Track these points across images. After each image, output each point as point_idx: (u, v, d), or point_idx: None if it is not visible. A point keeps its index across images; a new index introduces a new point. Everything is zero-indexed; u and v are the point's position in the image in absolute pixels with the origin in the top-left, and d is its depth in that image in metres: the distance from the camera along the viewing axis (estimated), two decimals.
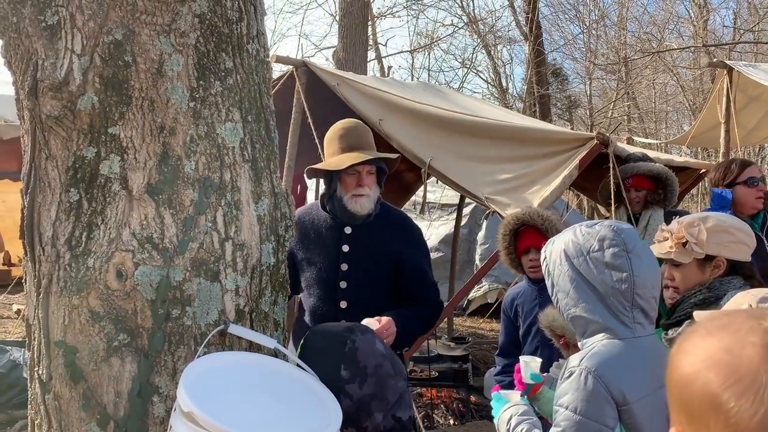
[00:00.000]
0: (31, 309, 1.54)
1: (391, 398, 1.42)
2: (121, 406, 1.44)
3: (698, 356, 0.71)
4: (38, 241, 1.49)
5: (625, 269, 1.59)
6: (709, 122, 6.18)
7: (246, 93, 1.59)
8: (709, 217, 2.02)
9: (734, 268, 1.98)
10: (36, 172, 1.50)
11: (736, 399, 0.64)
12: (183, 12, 1.47)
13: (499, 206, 3.56)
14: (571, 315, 1.66)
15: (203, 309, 1.48)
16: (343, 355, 1.42)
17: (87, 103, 1.43)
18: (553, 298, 1.72)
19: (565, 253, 1.66)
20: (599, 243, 1.62)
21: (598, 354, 1.57)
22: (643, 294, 1.61)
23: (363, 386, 1.39)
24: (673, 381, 0.74)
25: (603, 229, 1.65)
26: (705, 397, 0.67)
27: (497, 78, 18.67)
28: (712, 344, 0.70)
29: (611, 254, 1.60)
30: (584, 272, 1.62)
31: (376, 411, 1.40)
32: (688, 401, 0.70)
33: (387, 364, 1.44)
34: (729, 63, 5.45)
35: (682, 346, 0.75)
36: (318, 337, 1.55)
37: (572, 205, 11.23)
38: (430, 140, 4.08)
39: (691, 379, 0.70)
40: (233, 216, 1.52)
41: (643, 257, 1.63)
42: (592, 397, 1.52)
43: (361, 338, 1.45)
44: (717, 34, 16.23)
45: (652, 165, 3.67)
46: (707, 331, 0.73)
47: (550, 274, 1.72)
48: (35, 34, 1.44)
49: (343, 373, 1.40)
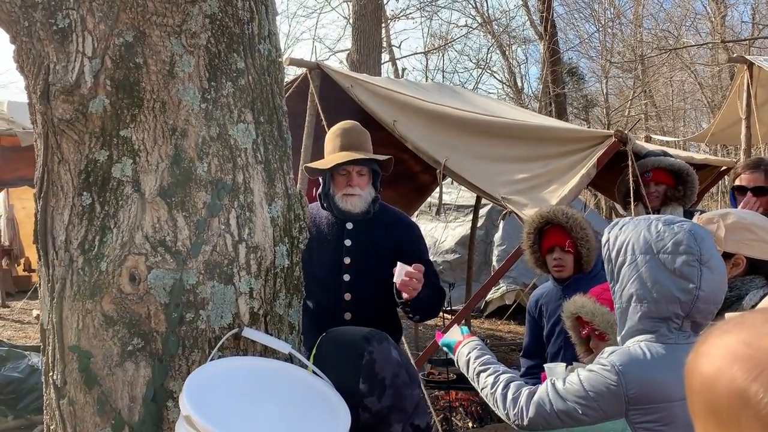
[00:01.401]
0: (45, 314, 1.53)
1: (409, 408, 1.41)
2: (136, 411, 1.43)
3: (718, 355, 0.69)
4: (51, 245, 1.48)
5: (693, 281, 1.48)
6: (729, 119, 6.09)
7: (258, 94, 1.57)
8: (729, 213, 1.97)
9: (755, 267, 1.93)
10: (49, 176, 1.49)
11: (764, 390, 0.62)
12: (194, 13, 1.46)
13: (516, 206, 3.52)
14: (620, 308, 1.60)
15: (217, 312, 1.46)
16: (361, 368, 1.39)
17: (98, 106, 1.43)
18: (610, 285, 1.65)
19: (633, 245, 1.56)
20: (673, 246, 1.51)
21: (627, 354, 1.53)
22: (703, 309, 1.51)
23: (382, 399, 1.38)
24: (695, 388, 0.72)
25: (681, 233, 1.52)
26: (732, 394, 0.65)
27: (512, 78, 18.60)
28: (730, 341, 0.69)
29: (683, 261, 1.49)
30: (647, 271, 1.52)
31: (395, 422, 1.39)
32: (715, 403, 0.67)
33: (403, 373, 1.43)
34: (749, 58, 5.36)
35: (700, 350, 0.73)
36: (333, 345, 1.52)
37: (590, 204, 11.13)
38: (445, 141, 4.04)
39: (714, 378, 0.68)
40: (246, 218, 1.50)
41: (715, 272, 1.51)
42: (605, 381, 1.51)
43: (378, 348, 1.43)
44: (735, 30, 16.04)
45: (673, 160, 3.61)
46: (722, 331, 0.71)
47: (610, 261, 1.61)
48: (46, 37, 1.44)
49: (362, 386, 1.38)
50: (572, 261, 2.68)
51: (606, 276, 1.66)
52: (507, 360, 6.37)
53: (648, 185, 3.54)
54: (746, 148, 5.20)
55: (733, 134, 6.16)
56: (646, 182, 3.53)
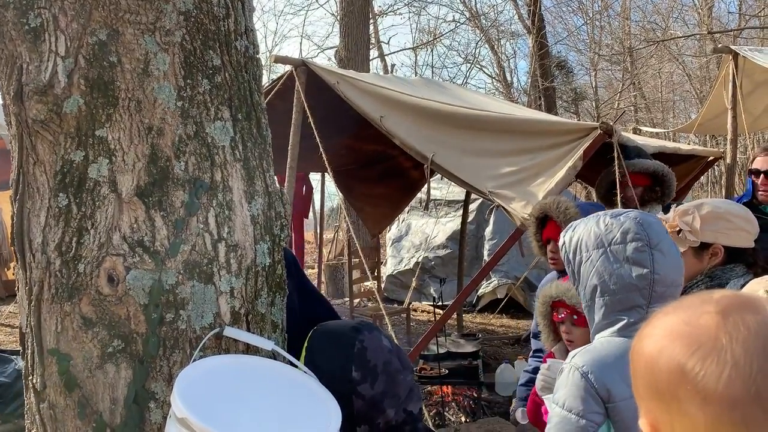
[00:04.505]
0: (23, 317, 1.52)
1: (401, 393, 1.43)
2: (117, 413, 1.41)
3: (659, 335, 0.73)
4: (28, 247, 1.46)
5: (646, 265, 1.51)
6: (716, 109, 6.11)
7: (235, 90, 1.55)
8: (704, 204, 1.97)
9: (734, 255, 1.93)
10: (24, 177, 1.48)
11: (701, 364, 0.66)
12: (167, 10, 1.44)
13: (504, 200, 3.52)
14: (586, 307, 1.62)
15: (198, 312, 1.45)
16: (353, 357, 1.41)
17: (73, 106, 1.41)
18: (574, 285, 1.67)
19: (585, 242, 1.59)
20: (621, 235, 1.54)
21: (590, 351, 1.53)
22: (662, 293, 1.53)
23: (374, 385, 1.40)
24: (638, 369, 0.75)
25: (627, 221, 1.55)
26: (672, 369, 0.69)
27: (501, 72, 18.61)
28: (670, 320, 0.73)
29: (633, 248, 1.52)
30: (602, 264, 1.55)
31: (388, 407, 1.41)
32: (656, 380, 0.71)
33: (395, 360, 1.45)
34: (734, 48, 5.37)
35: (643, 332, 0.77)
36: (324, 337, 1.53)
37: (580, 197, 11.16)
38: (432, 136, 4.04)
39: (656, 356, 0.72)
40: (226, 216, 1.49)
41: (667, 254, 1.54)
42: (578, 393, 1.49)
43: (369, 337, 1.45)
44: (722, 21, 16.09)
45: (647, 162, 3.61)
46: (664, 313, 0.76)
47: (569, 262, 1.65)
48: (18, 37, 1.42)
49: (355, 374, 1.39)
50: None
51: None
52: (500, 354, 6.38)
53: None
54: (733, 137, 5.22)
55: (720, 124, 6.18)
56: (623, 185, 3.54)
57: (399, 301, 8.86)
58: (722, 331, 0.67)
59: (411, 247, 9.52)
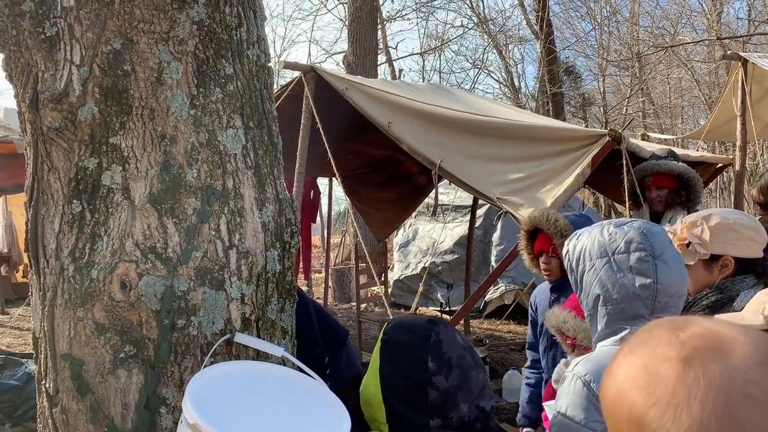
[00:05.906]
0: (37, 322, 1.53)
1: (474, 389, 1.43)
2: (129, 418, 1.43)
3: (621, 377, 0.71)
4: (42, 253, 1.48)
5: (649, 275, 1.51)
6: (725, 115, 6.08)
7: (247, 99, 1.57)
8: (712, 215, 1.95)
9: (745, 266, 1.91)
10: (39, 184, 1.50)
11: (658, 420, 0.63)
12: (181, 19, 1.46)
13: (512, 206, 3.52)
14: (588, 315, 1.62)
15: (209, 318, 1.46)
16: (429, 348, 1.42)
17: (87, 114, 1.43)
18: (576, 294, 1.67)
19: (589, 251, 1.59)
20: (625, 245, 1.54)
21: (592, 360, 1.53)
22: (665, 303, 1.53)
23: (449, 378, 1.40)
24: (604, 404, 0.73)
25: (631, 231, 1.56)
26: (631, 419, 0.67)
27: (509, 77, 18.59)
28: (633, 363, 0.70)
29: (637, 258, 1.52)
30: (606, 273, 1.55)
31: (461, 402, 1.41)
32: (617, 424, 0.70)
33: (468, 356, 1.45)
34: (743, 55, 5.36)
35: (609, 369, 0.74)
36: (399, 330, 1.53)
37: (588, 203, 11.13)
38: (440, 142, 4.04)
39: (617, 401, 0.70)
40: (237, 223, 1.51)
41: (671, 264, 1.54)
42: (580, 401, 1.49)
43: (444, 330, 1.45)
44: (731, 27, 16.03)
45: (674, 164, 3.57)
46: (629, 349, 0.73)
47: (572, 271, 1.65)
48: (35, 46, 1.44)
49: (431, 365, 1.40)
50: (557, 265, 2.70)
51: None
52: (507, 360, 6.36)
53: (649, 189, 3.52)
54: (742, 144, 5.20)
55: (729, 131, 6.16)
56: (647, 186, 3.52)
57: (406, 306, 8.86)
58: (681, 385, 0.63)
59: (418, 252, 9.52)
